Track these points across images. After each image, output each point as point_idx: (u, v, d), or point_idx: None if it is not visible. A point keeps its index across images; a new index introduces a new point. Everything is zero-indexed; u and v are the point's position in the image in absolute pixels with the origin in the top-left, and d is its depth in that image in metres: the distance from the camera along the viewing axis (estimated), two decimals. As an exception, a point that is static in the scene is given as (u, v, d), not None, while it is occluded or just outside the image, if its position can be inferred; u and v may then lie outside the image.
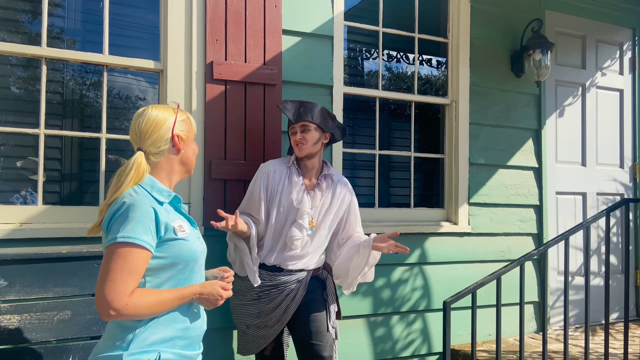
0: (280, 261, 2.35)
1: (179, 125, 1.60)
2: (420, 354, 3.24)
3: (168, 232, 1.49)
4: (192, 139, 1.67)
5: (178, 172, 1.64)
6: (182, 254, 1.51)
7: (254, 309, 2.34)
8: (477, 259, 3.45)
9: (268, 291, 2.33)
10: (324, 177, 2.45)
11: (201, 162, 2.66)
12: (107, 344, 1.46)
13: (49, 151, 4.59)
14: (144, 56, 2.69)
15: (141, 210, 1.44)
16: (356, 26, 3.29)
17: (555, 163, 3.87)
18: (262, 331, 2.34)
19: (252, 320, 2.34)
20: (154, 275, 1.48)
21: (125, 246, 1.40)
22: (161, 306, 1.45)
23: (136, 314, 1.41)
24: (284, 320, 2.32)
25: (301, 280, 2.36)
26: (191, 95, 2.67)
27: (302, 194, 2.35)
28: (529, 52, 3.49)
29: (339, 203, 2.46)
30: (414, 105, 3.43)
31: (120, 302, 1.37)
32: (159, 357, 1.44)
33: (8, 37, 4.36)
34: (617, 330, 3.73)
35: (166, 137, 1.58)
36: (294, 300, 2.32)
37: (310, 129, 2.37)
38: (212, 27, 2.71)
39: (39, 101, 2.50)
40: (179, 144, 1.60)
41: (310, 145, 2.37)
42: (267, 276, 2.34)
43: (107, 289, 1.38)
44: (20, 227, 2.34)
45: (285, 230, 2.35)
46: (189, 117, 1.67)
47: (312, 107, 2.41)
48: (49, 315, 1.97)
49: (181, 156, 1.62)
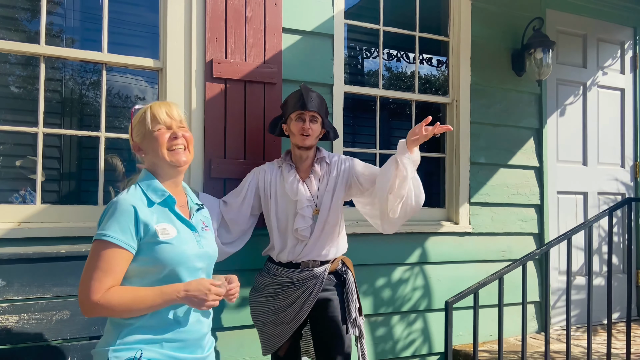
0: (294, 256, 2.32)
1: (134, 132, 1.61)
2: (421, 354, 3.23)
3: (148, 234, 1.47)
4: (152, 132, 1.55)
5: (162, 169, 1.59)
6: (164, 257, 1.48)
7: (271, 306, 2.33)
8: (478, 259, 3.44)
9: (285, 288, 2.31)
10: (317, 162, 2.38)
11: (201, 161, 2.64)
12: (102, 339, 1.53)
13: (47, 150, 4.57)
14: (143, 54, 2.67)
15: (121, 208, 1.45)
16: (357, 25, 3.28)
17: (557, 162, 3.86)
18: (278, 329, 2.32)
19: (268, 317, 2.33)
20: (140, 277, 1.48)
21: (101, 244, 1.43)
22: (138, 303, 1.43)
23: (111, 310, 1.41)
24: (300, 317, 2.29)
25: (318, 277, 2.30)
26: (191, 93, 2.66)
27: (297, 185, 2.32)
28: (530, 51, 3.47)
29: (339, 178, 2.37)
30: (414, 104, 3.41)
31: (92, 299, 1.39)
32: (140, 354, 1.44)
33: (7, 36, 4.34)
34: (619, 330, 3.72)
35: (134, 145, 1.62)
36: (310, 297, 2.28)
37: (318, 121, 2.34)
38: (212, 25, 2.69)
39: (37, 100, 2.48)
40: (139, 149, 1.61)
41: (313, 138, 2.34)
42: (284, 272, 2.32)
43: (82, 286, 1.41)
44: (18, 227, 2.32)
45: (290, 225, 2.32)
46: (145, 112, 1.58)
47: (322, 100, 2.37)
48: (47, 315, 1.96)
49: (150, 157, 1.59)
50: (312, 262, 2.33)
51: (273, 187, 2.36)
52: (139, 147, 1.60)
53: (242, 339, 2.73)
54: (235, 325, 2.71)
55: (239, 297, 2.71)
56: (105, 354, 1.44)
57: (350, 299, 2.36)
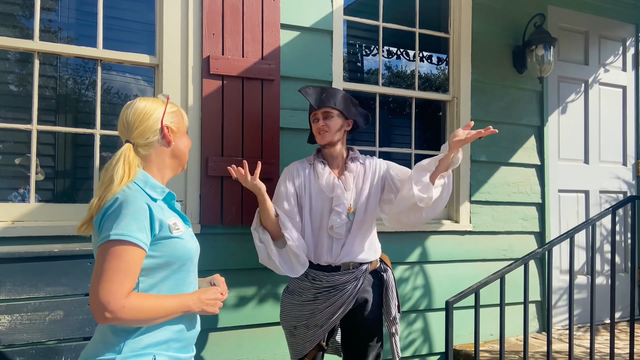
0: (333, 259, 2.25)
1: (168, 117, 1.53)
2: (422, 354, 3.20)
3: (163, 230, 1.42)
4: (184, 132, 1.59)
5: (170, 167, 1.56)
6: (177, 253, 1.44)
7: (307, 310, 2.25)
8: (479, 258, 3.40)
9: (327, 291, 2.23)
10: (351, 160, 2.34)
11: (197, 159, 2.61)
12: (98, 347, 1.39)
13: (42, 147, 4.53)
14: (139, 50, 2.63)
15: (135, 206, 1.36)
16: (356, 21, 3.24)
17: (558, 160, 3.82)
18: (310, 331, 2.25)
19: (301, 321, 2.26)
20: (148, 276, 1.40)
21: (119, 244, 1.32)
22: (160, 311, 1.37)
23: (133, 317, 1.32)
24: (335, 320, 2.24)
25: (359, 278, 2.25)
26: (187, 90, 2.62)
27: (333, 181, 2.26)
28: (532, 48, 3.44)
29: (376, 177, 2.32)
30: (414, 101, 3.38)
31: (116, 304, 1.29)
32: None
33: (0, 32, 4.30)
34: (621, 329, 3.69)
35: (155, 128, 1.49)
36: (349, 299, 2.23)
37: (333, 115, 2.28)
38: (209, 21, 2.65)
39: (31, 96, 2.44)
40: (168, 135, 1.51)
41: (332, 133, 2.28)
42: (324, 277, 2.24)
43: (102, 290, 1.29)
44: (12, 225, 2.28)
45: (325, 223, 2.26)
46: (180, 110, 1.60)
47: (334, 92, 2.31)
48: (40, 315, 1.92)
49: (172, 149, 1.54)
50: (352, 264, 2.26)
51: (307, 185, 2.29)
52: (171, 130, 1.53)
53: (240, 339, 2.70)
54: (233, 325, 2.67)
55: (236, 296, 2.69)
56: None
57: (391, 296, 2.32)
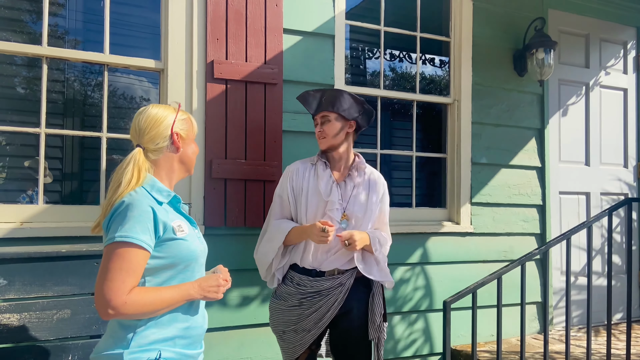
0: (320, 263, 2.23)
1: (178, 124, 1.61)
2: (422, 354, 3.23)
3: (167, 231, 1.49)
4: (192, 138, 1.67)
5: (177, 172, 1.64)
6: (181, 253, 1.51)
7: (294, 315, 2.24)
8: (480, 259, 3.43)
9: (311, 297, 2.22)
10: (355, 168, 2.33)
11: (202, 162, 2.66)
12: (108, 342, 1.47)
13: (50, 150, 4.59)
14: (144, 55, 2.69)
15: (139, 209, 1.44)
16: (358, 25, 3.28)
17: (559, 163, 3.85)
18: (299, 336, 2.25)
19: (289, 326, 2.25)
20: (154, 275, 1.48)
21: (123, 246, 1.41)
22: (161, 303, 1.44)
23: (135, 312, 1.40)
24: (322, 325, 2.22)
25: (344, 284, 2.23)
26: (192, 94, 2.67)
27: (331, 185, 2.26)
28: (532, 51, 3.47)
29: (374, 196, 2.32)
30: (415, 104, 3.42)
31: (118, 301, 1.37)
32: (159, 355, 1.44)
33: (10, 37, 4.37)
34: (620, 330, 3.71)
35: (165, 134, 1.58)
36: (334, 305, 2.21)
37: (330, 119, 2.28)
38: (213, 26, 2.70)
39: (40, 100, 2.50)
40: (177, 141, 1.60)
41: (330, 137, 2.27)
42: (308, 282, 2.23)
43: (106, 288, 1.38)
44: (20, 226, 2.34)
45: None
46: (190, 118, 1.68)
47: (335, 94, 2.30)
48: (48, 314, 1.97)
49: (180, 155, 1.62)
50: (337, 270, 2.24)
51: (305, 184, 2.28)
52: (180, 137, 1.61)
53: (243, 339, 2.74)
54: (236, 324, 2.72)
55: (239, 296, 2.73)
56: (119, 358, 1.42)
57: (377, 303, 2.27)
